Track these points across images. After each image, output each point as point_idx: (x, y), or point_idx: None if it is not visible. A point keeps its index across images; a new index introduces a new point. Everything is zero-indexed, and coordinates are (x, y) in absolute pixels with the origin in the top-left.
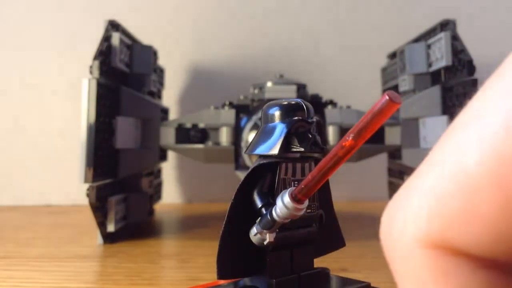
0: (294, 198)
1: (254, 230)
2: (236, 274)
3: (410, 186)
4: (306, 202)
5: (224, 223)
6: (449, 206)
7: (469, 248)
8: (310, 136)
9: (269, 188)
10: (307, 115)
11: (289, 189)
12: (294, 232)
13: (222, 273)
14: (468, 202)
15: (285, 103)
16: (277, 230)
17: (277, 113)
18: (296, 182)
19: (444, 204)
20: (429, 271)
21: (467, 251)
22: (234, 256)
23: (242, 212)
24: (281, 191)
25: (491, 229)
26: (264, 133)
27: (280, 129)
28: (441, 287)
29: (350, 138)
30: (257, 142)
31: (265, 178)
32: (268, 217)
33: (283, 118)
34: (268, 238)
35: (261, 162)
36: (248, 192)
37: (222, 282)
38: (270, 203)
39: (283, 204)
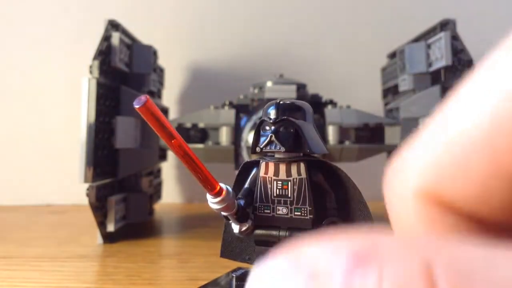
0: (208, 192)
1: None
2: (237, 257)
3: (416, 142)
4: (220, 198)
5: None
6: (444, 161)
7: (457, 202)
8: (269, 136)
9: (253, 184)
10: (274, 115)
11: None
12: (282, 232)
13: (223, 253)
14: (462, 157)
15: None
16: (251, 224)
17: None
18: (279, 182)
19: (440, 159)
20: (419, 218)
21: (455, 205)
22: (238, 241)
23: None
24: (260, 188)
25: (478, 185)
26: None
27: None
28: (428, 231)
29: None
30: None
31: (251, 174)
32: None
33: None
34: (235, 229)
35: (247, 160)
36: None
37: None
38: (239, 198)
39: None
